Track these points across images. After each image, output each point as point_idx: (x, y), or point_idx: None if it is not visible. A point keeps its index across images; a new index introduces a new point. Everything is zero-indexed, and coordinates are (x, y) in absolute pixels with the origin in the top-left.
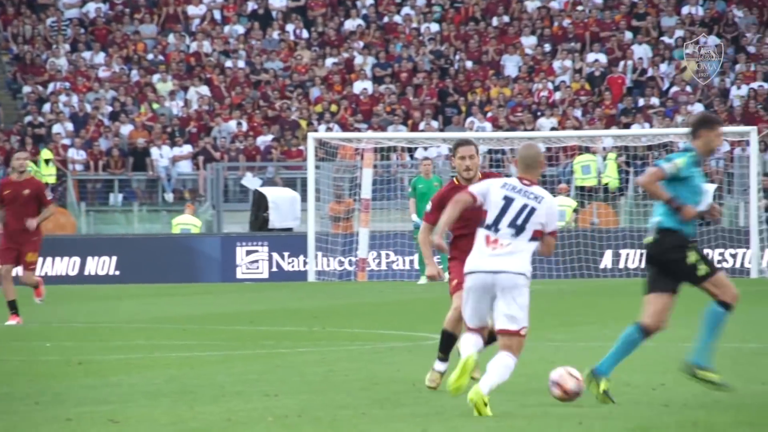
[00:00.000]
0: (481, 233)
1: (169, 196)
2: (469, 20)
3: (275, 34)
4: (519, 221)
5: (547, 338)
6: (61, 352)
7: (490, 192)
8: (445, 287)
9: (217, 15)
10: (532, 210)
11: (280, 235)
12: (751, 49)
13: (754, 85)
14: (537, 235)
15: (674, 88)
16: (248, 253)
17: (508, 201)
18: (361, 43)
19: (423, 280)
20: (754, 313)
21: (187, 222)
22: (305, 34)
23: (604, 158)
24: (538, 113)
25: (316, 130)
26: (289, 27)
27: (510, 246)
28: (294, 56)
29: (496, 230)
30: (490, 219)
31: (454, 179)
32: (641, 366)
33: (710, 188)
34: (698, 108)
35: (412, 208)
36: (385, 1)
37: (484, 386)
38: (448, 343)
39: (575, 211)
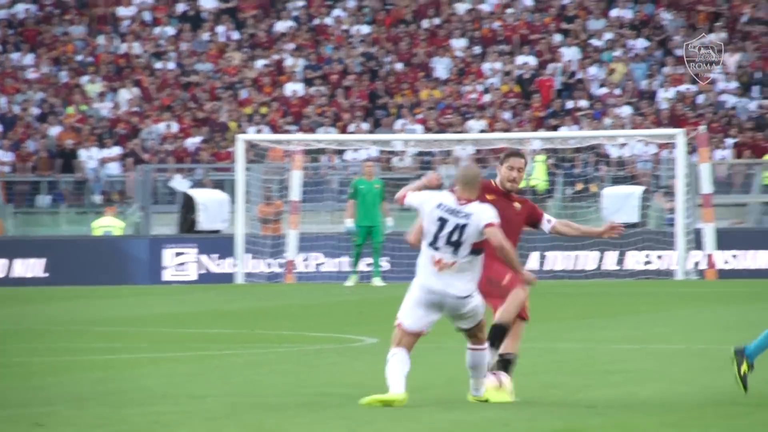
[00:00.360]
0: (425, 251)
1: (98, 198)
2: (400, 22)
3: (205, 36)
4: (454, 238)
5: None
6: None
7: (425, 208)
8: (371, 290)
9: (147, 16)
10: (464, 227)
11: (209, 237)
12: (679, 52)
13: (682, 87)
14: (477, 247)
15: (603, 91)
16: (177, 255)
17: (443, 221)
18: (292, 45)
19: (350, 282)
20: (680, 314)
21: (108, 224)
22: (236, 35)
23: (533, 160)
24: (468, 115)
25: (245, 132)
26: (220, 29)
27: (454, 266)
28: (224, 58)
29: (436, 248)
30: (429, 236)
31: (493, 182)
32: (567, 367)
33: (637, 191)
34: (626, 110)
35: (350, 210)
36: (316, 3)
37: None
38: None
39: None
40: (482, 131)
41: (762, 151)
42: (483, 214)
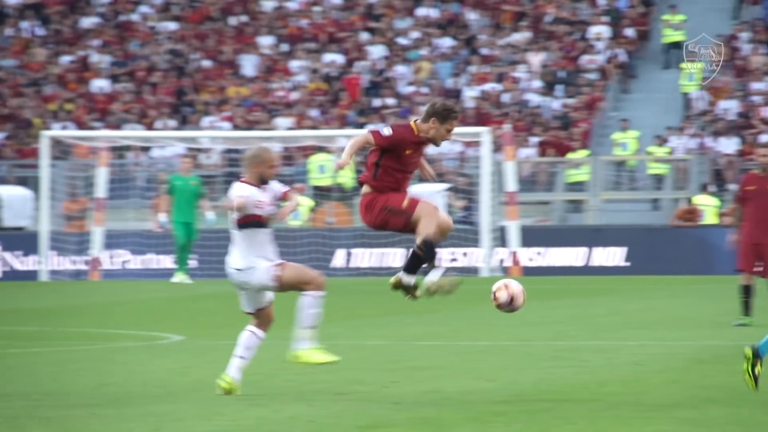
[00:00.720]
0: None
1: None
2: (207, 19)
3: (9, 31)
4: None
5: (281, 336)
6: None
7: None
8: (178, 287)
9: None
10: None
11: (12, 234)
12: (485, 51)
13: (487, 86)
14: (240, 222)
15: (410, 89)
16: None
17: None
18: (98, 41)
19: (178, 278)
20: (484, 311)
21: None
22: (40, 31)
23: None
24: (275, 113)
25: (50, 129)
26: (24, 24)
27: (233, 239)
28: (28, 53)
29: None
30: None
31: (415, 130)
32: (373, 364)
33: (442, 188)
34: None
35: (164, 205)
36: None
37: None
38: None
39: (311, 210)
40: (290, 129)
41: (566, 150)
42: (230, 196)
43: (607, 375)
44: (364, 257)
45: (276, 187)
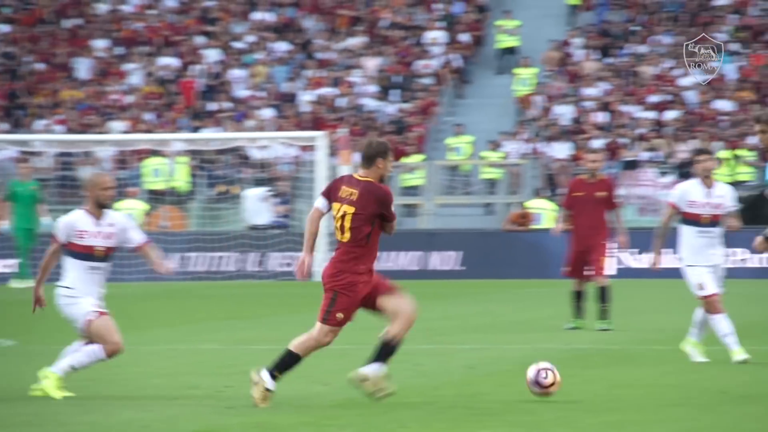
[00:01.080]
0: None
1: None
2: (40, 22)
3: None
4: None
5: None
6: None
7: None
8: (9, 291)
9: None
10: None
11: None
12: (320, 56)
13: (323, 90)
14: (65, 248)
15: (245, 93)
16: None
17: None
18: None
19: (23, 284)
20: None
21: None
22: None
23: (175, 162)
24: (110, 116)
25: None
26: None
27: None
28: None
29: None
30: None
31: (372, 179)
32: (207, 368)
33: (260, 192)
34: (268, 112)
35: (4, 211)
36: None
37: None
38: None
39: (146, 214)
40: (124, 132)
41: (400, 154)
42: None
43: (441, 378)
44: (198, 261)
45: (134, 236)
